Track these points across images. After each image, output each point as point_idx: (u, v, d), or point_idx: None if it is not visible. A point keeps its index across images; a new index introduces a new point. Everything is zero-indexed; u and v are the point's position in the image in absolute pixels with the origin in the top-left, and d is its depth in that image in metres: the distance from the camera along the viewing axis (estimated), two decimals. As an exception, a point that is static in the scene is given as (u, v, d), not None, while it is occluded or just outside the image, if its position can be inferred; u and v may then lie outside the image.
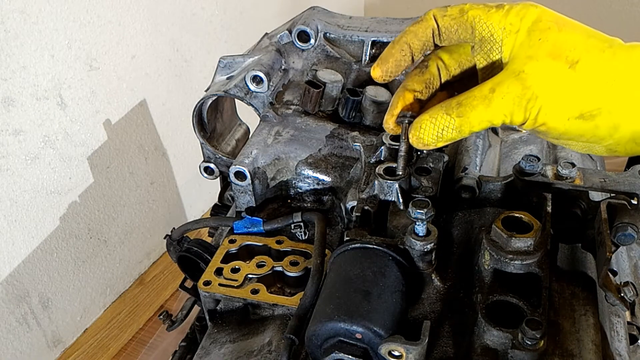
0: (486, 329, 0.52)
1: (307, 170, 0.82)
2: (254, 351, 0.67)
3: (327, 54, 0.92)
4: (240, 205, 0.83)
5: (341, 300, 0.55)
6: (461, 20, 0.52)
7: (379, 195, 0.66)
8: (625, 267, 0.78)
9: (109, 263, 1.59)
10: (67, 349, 1.52)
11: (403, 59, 0.56)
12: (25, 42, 1.20)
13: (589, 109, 0.50)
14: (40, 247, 1.36)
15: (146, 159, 1.61)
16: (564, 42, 0.50)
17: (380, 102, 0.83)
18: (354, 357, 0.53)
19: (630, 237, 0.59)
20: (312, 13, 0.94)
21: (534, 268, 0.55)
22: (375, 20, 0.93)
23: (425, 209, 0.57)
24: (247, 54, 0.95)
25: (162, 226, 1.73)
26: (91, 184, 1.45)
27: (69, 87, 1.32)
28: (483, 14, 0.51)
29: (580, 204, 0.65)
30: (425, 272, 0.60)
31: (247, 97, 0.89)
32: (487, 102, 0.50)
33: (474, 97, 0.51)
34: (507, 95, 0.50)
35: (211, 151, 0.97)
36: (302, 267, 0.72)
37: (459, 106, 0.51)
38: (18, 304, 1.35)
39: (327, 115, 0.86)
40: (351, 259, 0.59)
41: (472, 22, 0.52)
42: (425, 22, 0.54)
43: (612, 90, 0.49)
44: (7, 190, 1.25)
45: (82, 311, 1.54)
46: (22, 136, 1.25)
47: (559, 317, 0.57)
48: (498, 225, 0.57)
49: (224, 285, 0.72)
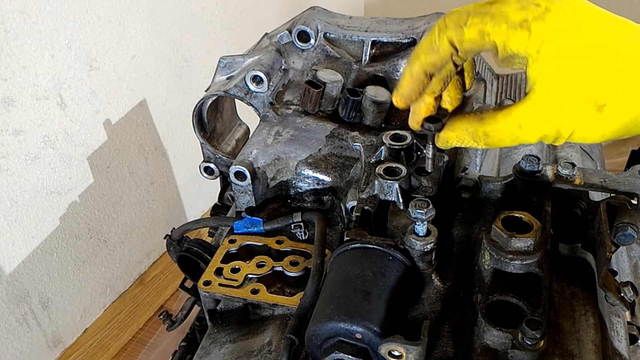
0: (486, 329, 0.52)
1: (307, 170, 0.82)
2: (254, 351, 0.67)
3: (327, 54, 0.92)
4: (240, 205, 0.83)
5: (341, 300, 0.55)
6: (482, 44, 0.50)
7: (379, 195, 0.66)
8: (625, 267, 0.78)
9: (109, 263, 1.59)
10: (67, 349, 1.52)
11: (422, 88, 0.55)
12: (25, 42, 1.20)
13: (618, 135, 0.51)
14: (40, 247, 1.36)
15: (146, 159, 1.61)
16: (591, 83, 0.48)
17: (380, 102, 0.83)
18: (354, 357, 0.53)
19: (630, 237, 0.59)
20: (312, 13, 0.94)
21: (534, 268, 0.55)
22: (375, 20, 0.93)
23: (425, 209, 0.57)
24: (247, 54, 0.95)
25: (162, 226, 1.73)
26: (91, 184, 1.45)
27: (69, 87, 1.32)
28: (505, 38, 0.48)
29: (580, 204, 0.65)
30: (425, 272, 0.60)
31: (247, 97, 0.89)
32: (515, 137, 0.51)
33: (501, 131, 0.52)
34: (534, 134, 0.51)
35: (211, 151, 0.97)
36: (302, 267, 0.72)
37: (487, 137, 0.53)
38: (18, 304, 1.35)
39: (327, 115, 0.86)
40: (351, 259, 0.59)
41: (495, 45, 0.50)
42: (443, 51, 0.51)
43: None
44: (7, 190, 1.25)
45: (82, 311, 1.54)
46: (22, 136, 1.25)
47: (559, 317, 0.57)
48: (498, 225, 0.57)
49: (224, 285, 0.72)
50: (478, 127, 0.53)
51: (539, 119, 0.50)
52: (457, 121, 0.55)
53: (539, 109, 0.49)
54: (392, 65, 0.88)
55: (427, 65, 0.52)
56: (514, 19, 0.48)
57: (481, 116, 0.53)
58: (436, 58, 0.52)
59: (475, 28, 0.49)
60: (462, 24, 0.49)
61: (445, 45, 0.51)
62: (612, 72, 0.48)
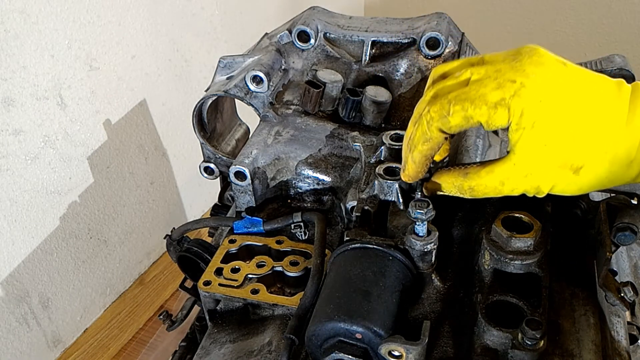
0: (486, 329, 0.52)
1: (307, 170, 0.82)
2: (254, 351, 0.67)
3: (327, 54, 0.92)
4: (240, 205, 0.83)
5: (341, 300, 0.55)
6: (468, 125, 0.53)
7: (379, 195, 0.66)
8: (625, 267, 0.78)
9: (109, 263, 1.59)
10: (67, 349, 1.52)
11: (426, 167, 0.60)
12: (25, 42, 1.20)
13: (596, 189, 0.55)
14: (40, 247, 1.36)
15: (146, 159, 1.61)
16: (567, 148, 0.52)
17: (380, 102, 0.83)
18: (354, 357, 0.53)
19: (630, 237, 0.59)
20: (312, 13, 0.94)
21: (534, 268, 0.55)
22: (375, 20, 0.93)
23: (425, 209, 0.57)
24: (247, 54, 0.95)
25: (162, 226, 1.73)
26: (91, 184, 1.45)
27: (69, 87, 1.32)
28: (487, 117, 0.52)
29: (580, 204, 0.65)
30: (425, 272, 0.60)
31: (247, 97, 0.89)
32: (498, 191, 0.56)
33: (485, 186, 0.56)
34: (516, 189, 0.55)
35: (211, 151, 0.97)
36: (302, 267, 0.72)
37: (472, 190, 0.57)
38: (18, 304, 1.35)
39: (327, 115, 0.86)
40: (351, 259, 0.59)
41: (480, 123, 0.53)
42: (435, 138, 0.56)
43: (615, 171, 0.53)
44: (7, 190, 1.25)
45: (82, 311, 1.54)
46: (22, 136, 1.25)
47: (559, 317, 0.57)
48: (498, 225, 0.57)
49: (224, 285, 0.72)
50: (463, 182, 0.57)
51: (519, 178, 0.54)
52: (443, 174, 0.60)
53: (519, 169, 0.54)
54: (392, 65, 0.88)
55: (426, 152, 0.57)
56: (492, 99, 0.51)
57: (466, 171, 0.57)
58: (431, 145, 0.56)
59: (459, 115, 0.53)
60: (446, 114, 0.53)
61: (436, 134, 0.55)
62: (586, 137, 0.52)
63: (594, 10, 2.12)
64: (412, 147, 0.58)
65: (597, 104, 0.52)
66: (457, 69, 0.57)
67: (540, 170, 0.53)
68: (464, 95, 0.53)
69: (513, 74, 0.52)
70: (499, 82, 0.52)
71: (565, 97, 0.51)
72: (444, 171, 0.60)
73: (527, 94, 0.51)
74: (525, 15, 2.27)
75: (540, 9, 2.23)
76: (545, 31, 2.25)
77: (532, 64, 0.52)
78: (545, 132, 0.51)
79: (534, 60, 0.52)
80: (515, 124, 0.52)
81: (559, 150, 0.52)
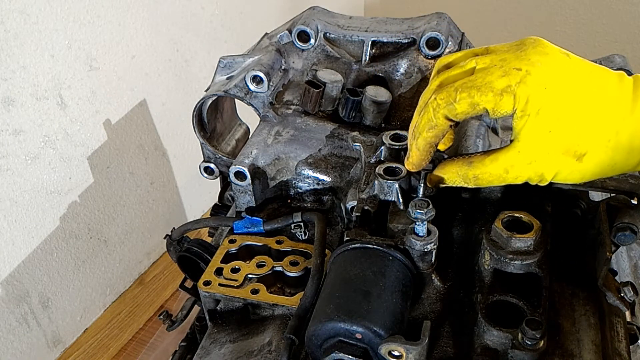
0: (486, 329, 0.52)
1: (307, 170, 0.82)
2: (254, 351, 0.67)
3: (327, 54, 0.92)
4: (240, 205, 0.82)
5: (341, 300, 0.55)
6: (474, 112, 0.54)
7: (379, 195, 0.66)
8: (625, 267, 0.78)
9: (109, 263, 1.59)
10: (67, 349, 1.52)
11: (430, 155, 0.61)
12: (25, 42, 1.20)
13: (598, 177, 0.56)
14: (40, 247, 1.36)
15: (146, 159, 1.61)
16: (571, 135, 0.53)
17: (380, 102, 0.83)
18: (354, 357, 0.53)
19: (630, 237, 0.59)
20: (312, 13, 0.94)
21: (534, 268, 0.55)
22: (375, 20, 0.93)
23: (425, 209, 0.57)
24: (247, 54, 0.95)
25: (162, 226, 1.73)
26: (91, 184, 1.45)
27: (69, 87, 1.32)
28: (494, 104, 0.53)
29: (580, 204, 0.65)
30: (425, 272, 0.60)
31: (247, 97, 0.89)
32: (502, 179, 0.57)
33: (489, 174, 0.57)
34: (520, 177, 0.56)
35: (211, 151, 0.97)
36: (302, 267, 0.72)
37: (476, 179, 0.58)
38: (18, 304, 1.35)
39: (327, 115, 0.86)
40: (351, 259, 0.59)
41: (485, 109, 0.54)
42: (440, 125, 0.56)
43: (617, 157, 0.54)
44: (7, 190, 1.25)
45: (82, 311, 1.54)
46: (22, 136, 1.25)
47: (559, 317, 0.57)
48: (498, 225, 0.57)
49: (224, 285, 0.72)
50: (468, 170, 0.58)
51: (523, 165, 0.55)
52: (447, 164, 0.60)
53: (523, 157, 0.54)
54: (392, 65, 0.88)
55: (430, 139, 0.58)
56: (498, 87, 0.52)
57: (470, 160, 0.58)
58: (437, 132, 0.57)
59: (465, 102, 0.54)
60: (453, 101, 0.54)
61: (442, 121, 0.56)
62: (590, 124, 0.53)
63: (594, 10, 2.12)
64: (417, 135, 0.58)
65: (600, 93, 0.53)
66: (462, 59, 0.58)
67: (544, 157, 0.54)
68: (470, 82, 0.54)
69: (518, 62, 0.53)
70: (505, 70, 0.53)
71: (570, 85, 0.52)
72: (447, 161, 0.61)
73: (532, 81, 0.52)
74: (525, 16, 2.27)
75: (540, 9, 2.23)
76: (545, 31, 2.25)
77: (537, 54, 0.53)
78: (549, 118, 0.52)
79: (539, 50, 0.53)
80: (520, 111, 0.52)
81: (563, 137, 0.53)
